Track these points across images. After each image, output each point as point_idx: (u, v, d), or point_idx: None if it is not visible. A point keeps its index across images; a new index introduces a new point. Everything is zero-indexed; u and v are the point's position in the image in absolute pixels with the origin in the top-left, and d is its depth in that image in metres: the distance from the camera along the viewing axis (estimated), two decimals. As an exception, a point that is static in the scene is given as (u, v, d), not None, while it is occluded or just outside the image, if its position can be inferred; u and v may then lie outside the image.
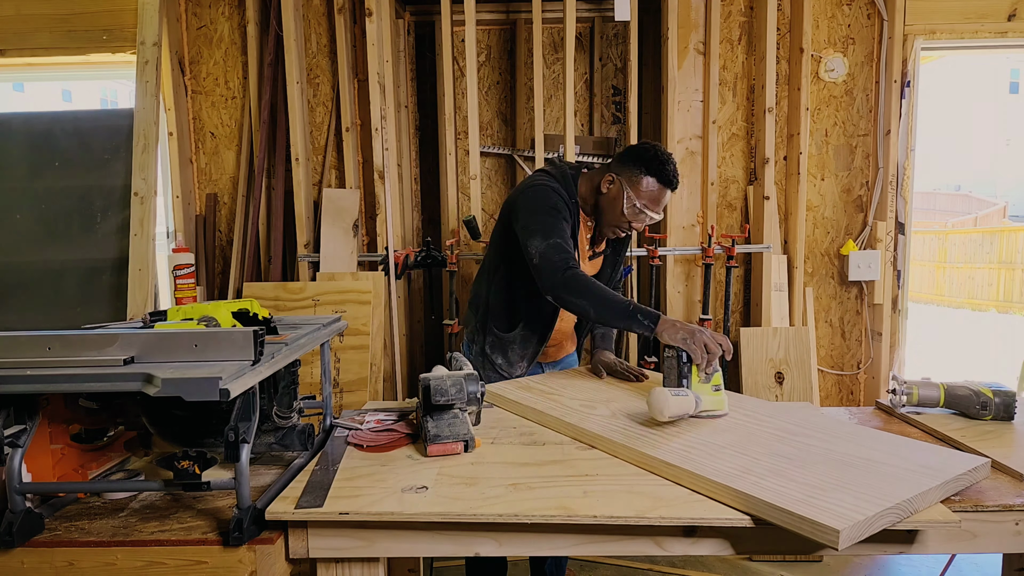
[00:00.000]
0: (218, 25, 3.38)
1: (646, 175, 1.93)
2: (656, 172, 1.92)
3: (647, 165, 1.93)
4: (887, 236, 3.30)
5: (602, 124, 3.68)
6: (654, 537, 1.28)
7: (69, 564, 1.26)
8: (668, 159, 1.94)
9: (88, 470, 1.47)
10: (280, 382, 1.58)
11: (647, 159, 1.93)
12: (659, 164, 1.92)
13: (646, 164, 1.93)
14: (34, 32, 3.30)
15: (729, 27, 3.33)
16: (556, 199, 1.96)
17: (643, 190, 1.94)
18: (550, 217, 1.92)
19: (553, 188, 1.98)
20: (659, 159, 1.93)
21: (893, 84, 3.22)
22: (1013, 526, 1.30)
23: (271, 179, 3.32)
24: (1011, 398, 1.72)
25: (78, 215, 3.17)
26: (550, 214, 1.93)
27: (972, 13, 3.21)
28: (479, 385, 1.61)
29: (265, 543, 1.26)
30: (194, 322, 1.48)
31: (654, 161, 1.92)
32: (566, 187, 2.00)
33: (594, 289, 1.80)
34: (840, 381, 3.48)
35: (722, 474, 1.31)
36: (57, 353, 1.27)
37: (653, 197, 1.95)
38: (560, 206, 1.95)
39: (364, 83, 3.30)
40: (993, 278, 11.85)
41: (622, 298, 1.80)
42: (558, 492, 1.33)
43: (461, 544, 1.31)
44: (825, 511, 1.16)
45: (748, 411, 1.71)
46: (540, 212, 1.94)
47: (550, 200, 1.95)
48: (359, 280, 3.11)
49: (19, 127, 3.25)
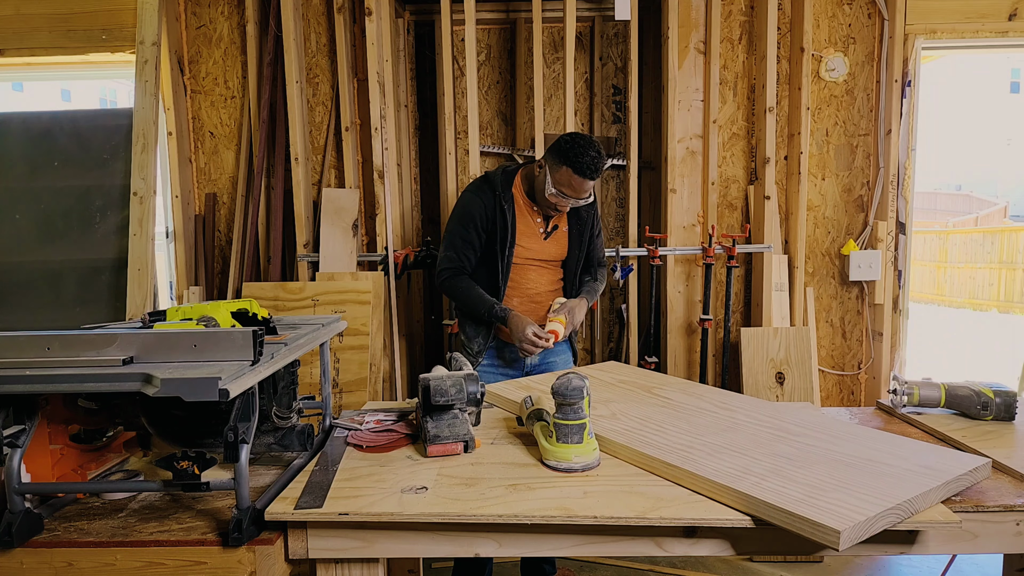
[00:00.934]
0: (217, 24, 3.38)
1: (563, 164, 2.15)
2: (571, 161, 2.13)
3: (563, 155, 2.14)
4: (888, 236, 3.29)
5: (602, 124, 3.68)
6: (654, 538, 1.28)
7: (68, 564, 1.26)
8: (585, 150, 2.12)
9: (87, 470, 1.47)
10: (279, 382, 1.57)
11: (564, 149, 2.15)
12: (574, 154, 2.12)
13: (563, 154, 2.14)
14: (33, 32, 3.30)
15: (730, 26, 3.33)
16: (470, 207, 2.30)
17: (559, 177, 2.17)
18: (457, 226, 2.32)
19: (472, 192, 2.33)
20: (575, 149, 2.12)
21: (894, 84, 3.22)
22: (1014, 526, 1.30)
23: (270, 179, 3.31)
24: (1012, 398, 1.71)
25: (77, 215, 3.16)
26: (458, 222, 2.32)
27: (973, 13, 3.21)
28: (479, 385, 1.61)
29: (264, 543, 1.26)
30: (193, 322, 1.47)
31: (570, 151, 2.13)
32: (492, 187, 2.31)
33: (461, 294, 2.30)
34: (841, 381, 3.48)
35: (722, 474, 1.30)
36: (56, 353, 1.27)
37: (568, 183, 2.17)
38: (473, 214, 2.29)
39: (364, 83, 3.30)
40: (994, 278, 11.84)
41: (484, 302, 2.25)
42: (558, 492, 1.33)
43: (461, 545, 1.30)
44: (825, 512, 1.15)
45: (748, 411, 1.71)
46: (452, 222, 2.36)
47: (461, 209, 2.33)
48: (358, 280, 3.11)
49: (18, 127, 3.25)
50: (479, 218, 2.29)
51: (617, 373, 2.18)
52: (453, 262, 2.32)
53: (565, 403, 1.44)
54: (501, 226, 2.29)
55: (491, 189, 2.31)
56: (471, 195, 2.33)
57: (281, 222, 3.30)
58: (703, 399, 1.82)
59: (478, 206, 2.29)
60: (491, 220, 2.29)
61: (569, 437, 1.43)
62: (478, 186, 2.35)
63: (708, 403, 1.79)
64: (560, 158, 2.15)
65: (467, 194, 2.35)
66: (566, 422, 1.44)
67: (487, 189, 2.31)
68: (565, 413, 1.44)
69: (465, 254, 2.32)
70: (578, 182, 2.16)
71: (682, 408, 1.75)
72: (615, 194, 3.77)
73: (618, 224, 3.77)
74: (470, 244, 2.31)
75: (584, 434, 1.44)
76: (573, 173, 2.14)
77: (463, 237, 2.31)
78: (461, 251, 2.31)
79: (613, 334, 3.79)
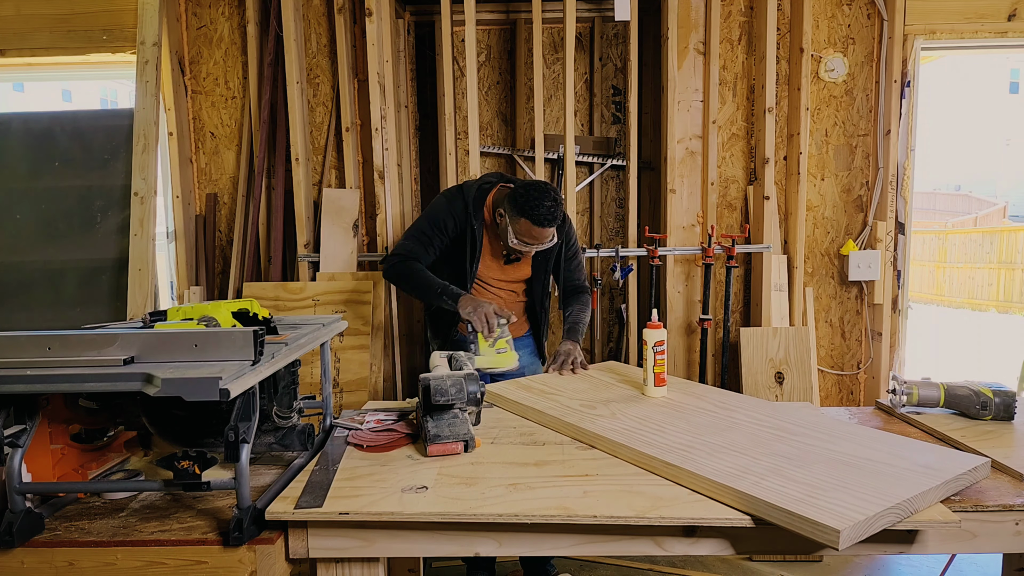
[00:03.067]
0: (218, 25, 3.38)
1: (520, 215, 2.14)
2: (527, 213, 2.12)
3: (519, 207, 2.14)
4: (887, 236, 3.29)
5: (602, 124, 3.68)
6: (654, 537, 1.28)
7: (69, 564, 1.26)
8: (540, 200, 2.10)
9: (88, 470, 1.47)
10: (280, 382, 1.58)
11: (519, 202, 2.14)
12: (530, 207, 2.11)
13: (519, 206, 2.14)
14: (34, 32, 3.30)
15: (729, 27, 3.33)
16: (440, 213, 2.31)
17: (519, 228, 2.17)
18: (425, 224, 2.33)
19: (447, 200, 2.33)
20: (530, 201, 2.11)
21: (893, 84, 3.22)
22: (1013, 526, 1.30)
23: (271, 179, 3.32)
24: (1011, 398, 1.72)
25: (78, 215, 3.17)
26: (427, 221, 2.33)
27: (972, 13, 3.21)
28: (479, 385, 1.61)
29: (265, 543, 1.26)
30: (194, 322, 1.48)
31: (526, 204, 2.12)
32: (465, 202, 2.29)
33: (410, 276, 2.25)
34: (840, 381, 3.48)
35: (722, 474, 1.30)
36: (57, 353, 1.27)
37: (530, 234, 2.16)
38: (441, 219, 2.30)
39: (364, 83, 3.30)
40: (993, 278, 11.84)
41: (436, 282, 2.21)
42: (558, 492, 1.33)
43: (461, 544, 1.31)
44: (825, 511, 1.16)
45: (748, 411, 1.71)
46: (420, 219, 2.37)
47: (433, 211, 2.33)
48: (359, 280, 3.11)
49: (19, 127, 3.25)
50: (447, 227, 2.30)
51: (617, 373, 2.19)
52: (409, 251, 2.30)
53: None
54: (470, 241, 2.30)
55: (463, 203, 2.31)
56: (445, 203, 2.33)
57: (282, 222, 3.30)
58: (702, 399, 1.82)
59: (450, 215, 2.30)
60: (460, 232, 2.31)
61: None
62: (453, 195, 2.35)
63: (707, 403, 1.79)
64: (517, 210, 2.15)
65: (442, 199, 2.36)
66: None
67: (459, 202, 2.31)
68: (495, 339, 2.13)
69: (425, 250, 2.30)
70: (538, 232, 2.16)
71: (682, 408, 1.76)
72: (615, 194, 3.77)
73: (618, 224, 3.77)
74: (431, 244, 2.30)
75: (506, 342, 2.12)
76: (532, 225, 2.14)
77: (427, 235, 2.31)
78: (421, 245, 2.30)
79: (613, 334, 3.79)
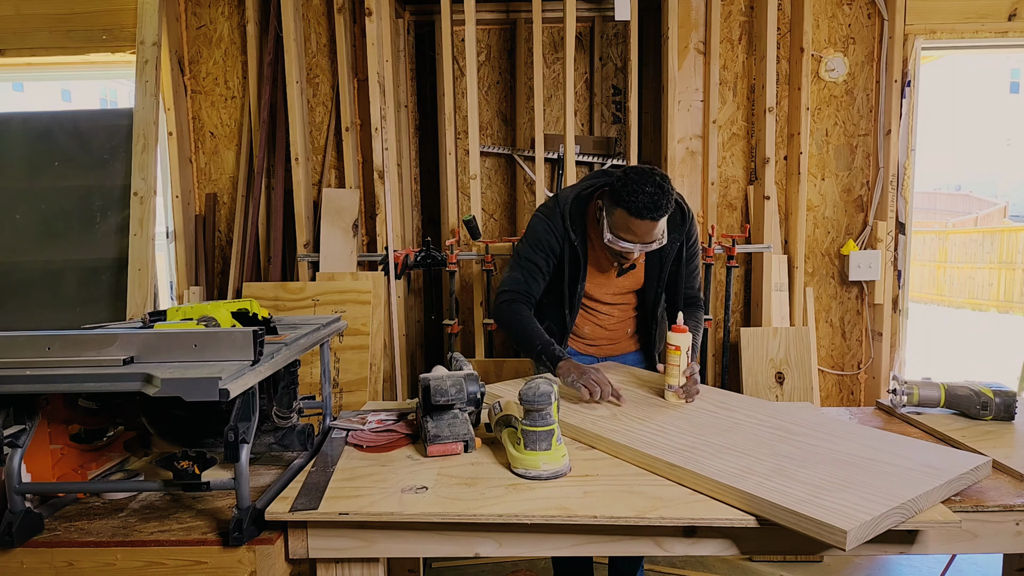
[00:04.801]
0: (218, 25, 3.38)
1: (615, 205, 1.85)
2: (623, 201, 1.82)
3: (615, 194, 1.85)
4: (887, 236, 3.29)
5: (602, 124, 3.68)
6: (654, 537, 1.28)
7: (69, 564, 1.26)
8: (641, 185, 1.80)
9: (88, 470, 1.47)
10: (280, 382, 1.57)
11: (616, 187, 1.85)
12: (627, 192, 1.81)
13: (614, 193, 1.85)
14: (34, 32, 3.30)
15: (729, 27, 3.33)
16: (540, 234, 2.06)
17: (615, 220, 1.87)
18: (527, 248, 2.09)
19: (541, 219, 2.08)
20: (628, 186, 1.81)
21: (893, 84, 3.22)
22: (1014, 526, 1.30)
23: (271, 179, 3.31)
24: (1011, 398, 1.71)
25: (78, 215, 3.16)
26: (528, 245, 2.09)
27: (972, 13, 3.21)
28: (479, 385, 1.61)
29: (265, 543, 1.26)
30: (194, 322, 1.47)
31: (623, 190, 1.82)
32: (561, 217, 2.04)
33: (515, 324, 2.00)
34: (840, 381, 3.48)
35: (725, 474, 1.30)
36: (57, 353, 1.27)
37: (626, 227, 1.85)
38: (543, 240, 2.05)
39: (364, 83, 3.30)
40: (993, 278, 11.84)
41: (536, 336, 1.95)
42: (558, 492, 1.33)
43: (461, 544, 1.30)
44: (830, 511, 1.15)
45: (749, 411, 1.71)
46: (522, 243, 2.12)
47: (532, 232, 2.09)
48: (359, 280, 3.11)
49: (18, 127, 3.25)
50: (551, 247, 2.05)
51: (617, 373, 2.18)
52: (517, 285, 2.06)
53: (533, 409, 1.40)
54: (571, 257, 2.04)
55: (561, 219, 2.03)
56: (543, 220, 2.07)
57: (281, 222, 3.30)
58: (703, 399, 1.82)
59: (550, 232, 2.04)
60: (560, 252, 2.05)
61: (537, 444, 1.39)
62: (548, 210, 2.08)
63: (708, 403, 1.79)
64: (613, 198, 1.86)
65: (539, 218, 2.10)
66: (534, 428, 1.39)
67: (556, 215, 2.05)
68: (533, 419, 1.40)
69: (533, 278, 2.07)
70: (637, 225, 1.83)
71: (682, 408, 1.75)
72: (615, 194, 3.77)
73: (618, 224, 3.77)
74: (538, 270, 2.06)
75: (552, 440, 1.40)
76: (628, 215, 1.82)
77: (531, 260, 2.06)
78: (527, 274, 2.07)
79: (613, 334, 3.79)
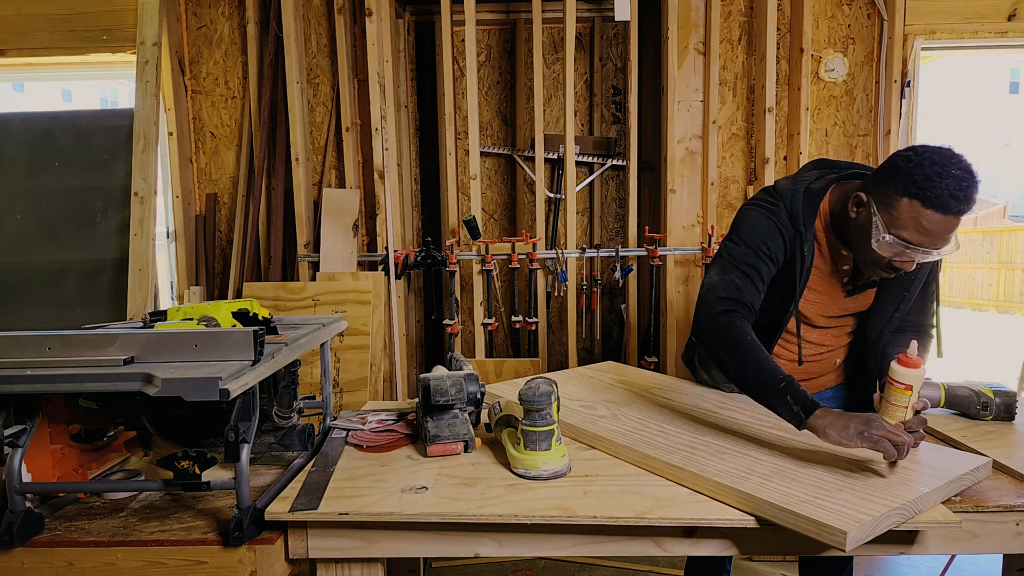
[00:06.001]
0: (218, 25, 3.38)
1: (903, 195, 1.40)
2: (918, 189, 1.38)
3: (903, 180, 1.40)
4: (887, 236, 3.29)
5: (602, 124, 3.68)
6: (655, 538, 1.28)
7: (69, 564, 1.26)
8: (946, 168, 1.37)
9: (88, 470, 1.47)
10: (280, 382, 1.57)
11: (903, 173, 1.40)
12: (924, 178, 1.37)
13: (902, 179, 1.40)
14: (34, 32, 3.30)
15: (729, 27, 3.33)
16: (762, 233, 1.62)
17: (898, 215, 1.42)
18: (746, 249, 1.62)
19: (762, 215, 1.64)
20: (924, 170, 1.38)
21: (893, 84, 3.22)
22: (1014, 527, 1.30)
23: (271, 179, 3.32)
24: (1012, 398, 1.71)
25: (78, 215, 3.17)
26: (748, 245, 1.62)
27: (972, 13, 3.21)
28: (479, 385, 1.61)
29: (265, 543, 1.26)
30: (194, 322, 1.48)
31: (918, 175, 1.38)
32: (793, 218, 1.62)
33: (743, 348, 1.47)
34: (840, 381, 3.47)
35: (726, 475, 1.30)
36: (57, 353, 1.27)
37: (916, 226, 1.40)
38: (767, 241, 1.61)
39: (364, 83, 3.30)
40: (993, 278, 11.85)
41: (778, 371, 1.41)
42: (558, 492, 1.33)
43: (461, 545, 1.30)
44: (831, 512, 1.15)
45: (749, 411, 1.71)
46: (738, 242, 1.64)
47: (752, 230, 1.64)
48: (359, 280, 3.11)
49: (19, 127, 3.25)
50: (771, 251, 1.61)
51: (617, 373, 2.18)
52: (736, 293, 1.57)
53: (533, 409, 1.39)
54: (799, 265, 1.62)
55: (792, 220, 1.61)
56: (765, 215, 1.64)
57: (282, 222, 3.30)
58: (703, 399, 1.82)
59: (778, 232, 1.61)
60: (784, 258, 1.63)
61: (537, 444, 1.38)
62: (770, 205, 1.65)
63: (708, 403, 1.79)
64: (899, 186, 1.40)
65: (758, 213, 1.65)
66: (534, 428, 1.39)
67: (782, 212, 1.62)
68: (533, 419, 1.39)
69: (754, 287, 1.60)
70: (935, 221, 1.38)
71: (682, 408, 1.75)
72: (615, 194, 3.77)
73: (618, 224, 3.77)
74: (760, 277, 1.60)
75: (552, 440, 1.39)
76: (924, 208, 1.38)
77: (752, 265, 1.60)
78: (748, 281, 1.59)
79: (613, 334, 3.79)
